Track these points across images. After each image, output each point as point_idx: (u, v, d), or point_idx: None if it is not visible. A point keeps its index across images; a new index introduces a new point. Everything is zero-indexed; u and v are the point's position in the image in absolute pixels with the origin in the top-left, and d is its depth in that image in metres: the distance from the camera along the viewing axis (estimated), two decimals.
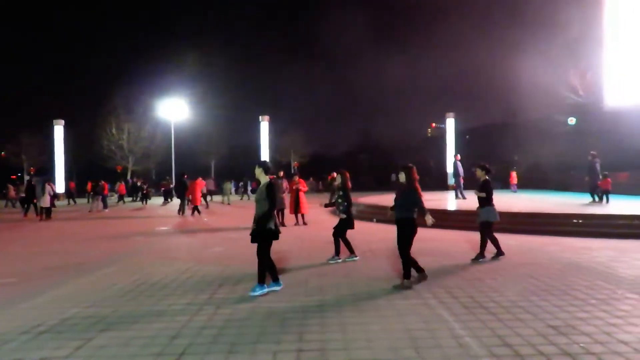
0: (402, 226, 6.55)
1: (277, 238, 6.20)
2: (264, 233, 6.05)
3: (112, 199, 37.52)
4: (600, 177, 15.86)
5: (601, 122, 27.13)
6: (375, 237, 11.27)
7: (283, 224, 14.45)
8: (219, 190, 34.31)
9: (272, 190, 6.21)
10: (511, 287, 6.30)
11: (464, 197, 18.68)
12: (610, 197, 15.83)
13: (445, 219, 12.69)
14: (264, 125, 41.21)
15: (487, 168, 8.59)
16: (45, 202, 19.23)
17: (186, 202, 19.96)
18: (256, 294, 5.99)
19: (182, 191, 19.90)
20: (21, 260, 9.26)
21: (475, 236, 8.72)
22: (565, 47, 29.07)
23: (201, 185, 20.92)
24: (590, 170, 15.88)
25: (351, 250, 8.40)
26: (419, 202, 6.47)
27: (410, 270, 6.46)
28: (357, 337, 4.46)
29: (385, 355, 4.07)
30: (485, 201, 8.30)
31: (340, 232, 8.33)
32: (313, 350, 4.18)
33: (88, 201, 29.88)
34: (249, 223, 6.38)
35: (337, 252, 8.33)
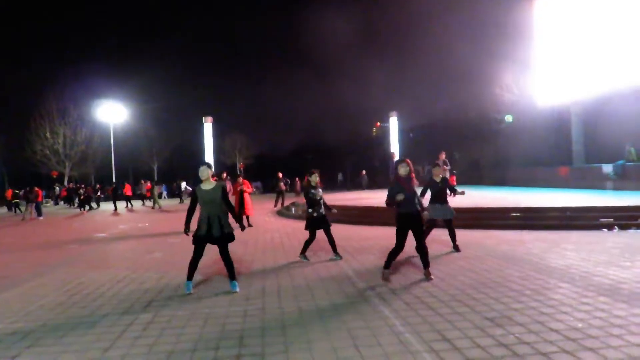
0: None
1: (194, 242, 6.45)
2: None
3: (48, 205, 35.99)
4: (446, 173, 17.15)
5: (535, 120, 28.35)
6: (318, 236, 11.24)
7: None
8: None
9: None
10: (450, 281, 6.43)
11: None
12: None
13: (372, 216, 12.87)
14: (208, 127, 40.49)
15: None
16: None
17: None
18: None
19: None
20: None
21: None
22: (501, 47, 30.18)
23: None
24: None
25: None
26: None
27: None
28: (297, 339, 4.41)
29: (326, 356, 4.03)
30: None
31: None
32: (253, 355, 4.09)
33: (13, 210, 28.55)
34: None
35: None
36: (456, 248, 8.75)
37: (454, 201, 10.64)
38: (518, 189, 23.04)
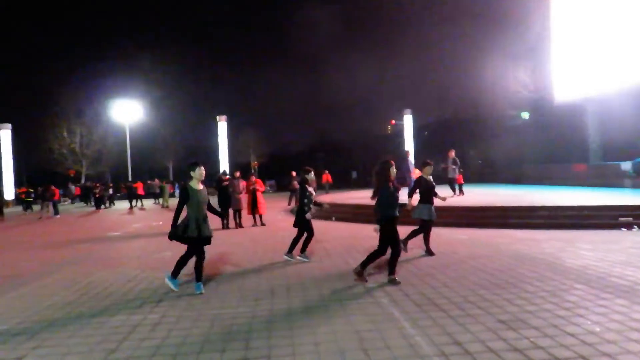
0: None
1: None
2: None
3: (65, 204, 36.39)
4: (457, 172, 17.04)
5: (551, 116, 27.94)
6: (330, 235, 11.18)
7: (241, 225, 14.20)
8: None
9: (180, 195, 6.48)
10: (462, 281, 6.30)
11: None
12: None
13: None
14: (222, 126, 40.63)
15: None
16: None
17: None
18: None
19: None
20: None
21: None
22: (516, 44, 29.78)
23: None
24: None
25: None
26: None
27: None
28: (304, 342, 4.32)
29: (333, 359, 3.94)
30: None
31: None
32: (259, 358, 4.02)
33: (24, 209, 28.85)
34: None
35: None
36: (429, 252, 8.35)
37: (467, 198, 10.47)
38: (533, 186, 22.71)
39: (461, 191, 17.00)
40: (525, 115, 33.41)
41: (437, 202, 8.56)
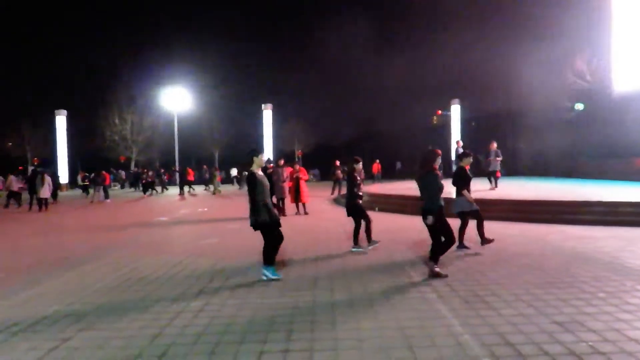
0: None
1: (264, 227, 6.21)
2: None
3: (115, 189, 37.60)
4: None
5: (609, 108, 26.56)
6: (374, 227, 10.97)
7: (284, 214, 14.19)
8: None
9: (249, 182, 6.18)
10: (513, 279, 6.01)
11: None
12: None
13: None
14: (267, 114, 40.93)
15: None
16: (44, 193, 19.11)
17: None
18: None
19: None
20: (7, 254, 9.08)
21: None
22: (572, 31, 28.42)
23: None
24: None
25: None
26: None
27: None
28: (347, 337, 4.19)
29: (375, 356, 3.79)
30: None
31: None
32: (300, 351, 3.92)
33: (84, 192, 29.94)
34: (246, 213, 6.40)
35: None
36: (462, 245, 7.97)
37: (520, 192, 10.06)
38: (587, 181, 21.71)
39: (496, 184, 16.34)
40: (580, 106, 31.90)
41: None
